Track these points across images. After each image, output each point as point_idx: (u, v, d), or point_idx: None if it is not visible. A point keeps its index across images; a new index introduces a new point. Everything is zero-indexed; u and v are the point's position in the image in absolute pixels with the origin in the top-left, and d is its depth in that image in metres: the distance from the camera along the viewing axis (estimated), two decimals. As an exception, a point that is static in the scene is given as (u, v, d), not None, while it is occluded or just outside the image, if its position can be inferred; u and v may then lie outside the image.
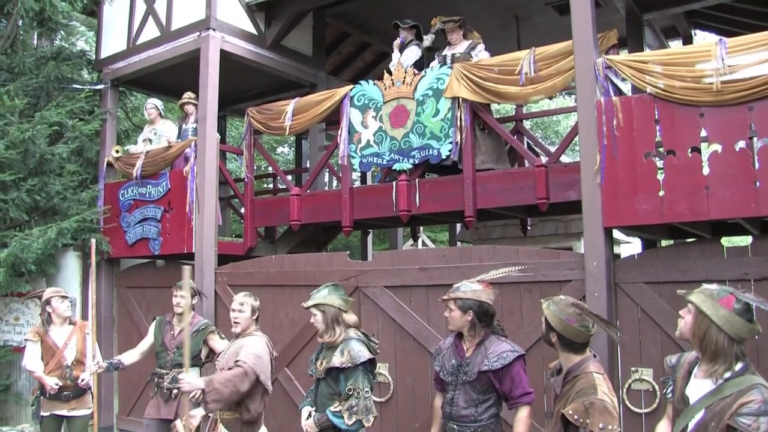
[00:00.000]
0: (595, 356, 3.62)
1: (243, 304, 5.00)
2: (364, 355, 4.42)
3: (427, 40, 7.54)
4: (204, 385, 4.43)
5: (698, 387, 2.92)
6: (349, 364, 4.37)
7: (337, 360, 4.42)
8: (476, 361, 4.11)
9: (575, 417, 3.30)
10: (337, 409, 4.35)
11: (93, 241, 6.61)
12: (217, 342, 6.07)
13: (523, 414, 4.02)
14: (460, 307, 4.17)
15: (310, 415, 4.59)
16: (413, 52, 7.36)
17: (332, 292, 4.65)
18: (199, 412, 5.14)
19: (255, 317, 5.07)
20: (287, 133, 7.91)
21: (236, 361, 4.67)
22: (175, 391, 5.91)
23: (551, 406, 3.69)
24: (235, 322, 4.98)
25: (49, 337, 6.20)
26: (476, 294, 4.20)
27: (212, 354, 6.08)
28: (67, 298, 6.38)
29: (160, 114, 9.11)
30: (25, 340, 6.43)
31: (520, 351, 4.12)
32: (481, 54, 7.01)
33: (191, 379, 4.49)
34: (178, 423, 5.26)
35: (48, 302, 6.24)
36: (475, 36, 7.22)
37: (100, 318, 8.58)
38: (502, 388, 4.07)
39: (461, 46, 7.18)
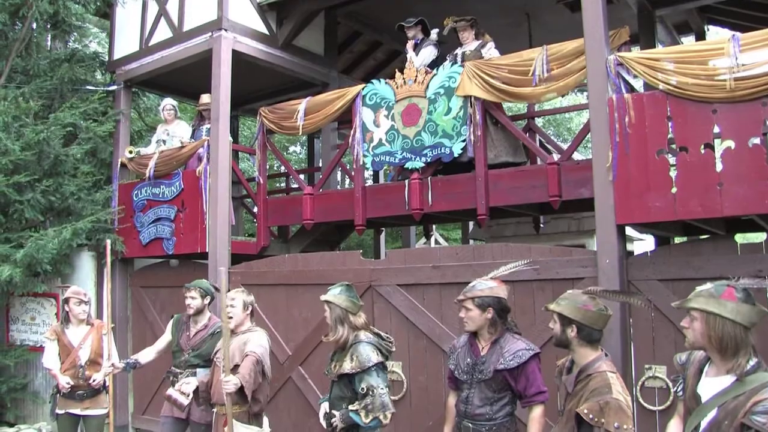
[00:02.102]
0: (606, 355, 3.62)
1: (234, 299, 5.21)
2: (372, 359, 4.46)
3: (434, 34, 7.52)
4: (242, 380, 4.75)
5: (710, 385, 2.91)
6: (358, 370, 4.43)
7: (347, 366, 4.49)
8: (492, 360, 4.12)
9: (590, 416, 3.31)
10: (355, 408, 4.42)
11: (108, 241, 6.66)
12: None
13: (537, 413, 4.03)
14: (479, 306, 4.16)
15: (326, 412, 4.66)
16: (429, 52, 7.32)
17: (343, 292, 4.71)
18: (193, 381, 5.50)
19: (248, 312, 5.27)
20: (300, 132, 7.94)
21: (245, 353, 4.94)
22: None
23: (562, 404, 3.69)
24: (229, 317, 5.14)
25: (66, 336, 6.28)
26: (494, 291, 4.20)
27: None
28: (86, 302, 6.40)
29: (176, 115, 9.17)
30: (44, 338, 6.52)
31: (535, 349, 4.13)
32: (491, 52, 7.01)
33: (231, 379, 4.74)
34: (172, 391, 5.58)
35: (67, 301, 6.33)
36: (486, 37, 7.21)
37: (114, 318, 8.63)
38: (516, 387, 4.08)
39: (471, 45, 7.18)
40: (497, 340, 4.17)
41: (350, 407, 4.45)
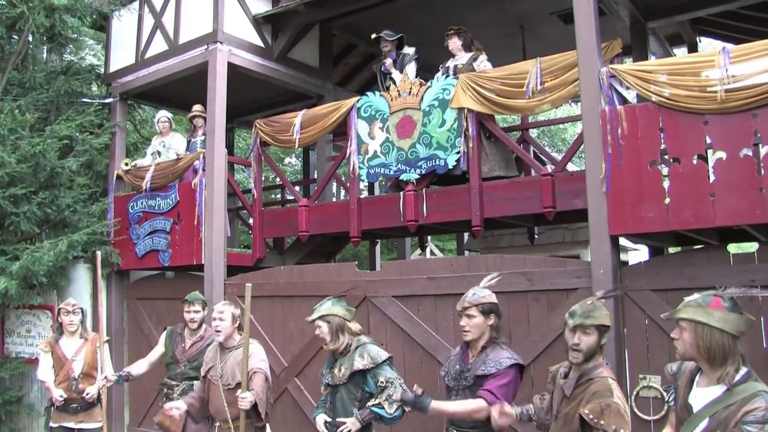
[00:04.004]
0: (607, 364, 3.67)
1: (223, 312, 5.13)
2: (383, 354, 4.64)
3: (409, 49, 7.56)
4: (257, 398, 4.78)
5: (701, 395, 2.93)
6: (372, 365, 4.56)
7: (359, 363, 4.58)
8: (476, 367, 4.21)
9: (590, 416, 3.38)
10: (377, 402, 4.50)
11: (98, 253, 6.65)
12: None
13: (475, 402, 4.06)
14: (483, 312, 4.24)
15: (325, 422, 4.66)
16: (413, 68, 7.37)
17: (335, 304, 4.84)
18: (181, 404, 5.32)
19: (237, 325, 5.17)
20: (296, 146, 7.97)
21: (252, 369, 4.90)
22: None
23: (557, 408, 3.72)
24: (217, 331, 5.12)
25: (60, 348, 6.28)
26: (492, 298, 4.33)
27: None
28: (74, 313, 6.36)
29: (171, 126, 9.19)
30: (39, 350, 6.52)
31: (518, 360, 4.19)
32: (483, 65, 7.02)
33: (247, 396, 4.76)
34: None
35: (58, 312, 6.34)
36: (478, 50, 7.22)
37: (110, 330, 8.64)
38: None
39: (463, 58, 7.19)
40: (485, 349, 4.25)
41: (370, 403, 4.53)
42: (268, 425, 5.29)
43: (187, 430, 5.80)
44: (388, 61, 7.49)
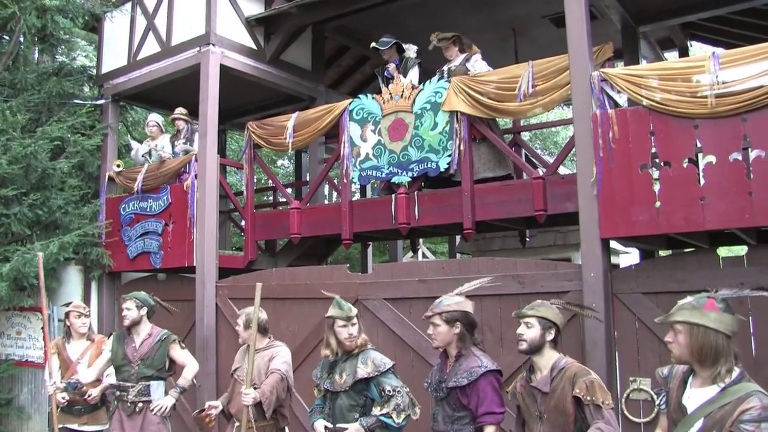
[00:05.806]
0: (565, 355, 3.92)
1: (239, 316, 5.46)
2: (387, 361, 4.53)
3: (412, 52, 7.56)
4: (260, 395, 4.86)
5: (696, 396, 2.96)
6: (376, 372, 4.43)
7: (362, 371, 4.45)
8: (450, 378, 4.15)
9: (581, 395, 3.54)
10: (384, 411, 4.37)
11: (40, 255, 6.56)
12: (177, 352, 5.90)
13: None
14: (447, 321, 4.19)
15: (326, 427, 4.51)
16: (417, 73, 7.36)
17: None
18: (169, 400, 5.70)
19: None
20: (289, 149, 7.96)
21: (270, 370, 5.06)
22: (140, 404, 5.69)
23: (537, 410, 3.79)
24: None
25: (66, 350, 6.30)
26: (461, 305, 4.26)
27: (173, 365, 5.94)
28: (86, 315, 6.43)
29: (161, 130, 9.17)
30: (48, 351, 6.51)
31: (489, 366, 4.10)
32: (477, 64, 7.02)
33: (250, 392, 4.85)
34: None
35: (67, 315, 6.36)
36: (474, 49, 7.21)
37: (101, 332, 8.60)
38: (469, 406, 4.06)
39: (457, 60, 7.21)
40: (459, 357, 4.19)
41: (376, 412, 4.39)
42: (286, 427, 5.35)
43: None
44: (392, 66, 7.44)
